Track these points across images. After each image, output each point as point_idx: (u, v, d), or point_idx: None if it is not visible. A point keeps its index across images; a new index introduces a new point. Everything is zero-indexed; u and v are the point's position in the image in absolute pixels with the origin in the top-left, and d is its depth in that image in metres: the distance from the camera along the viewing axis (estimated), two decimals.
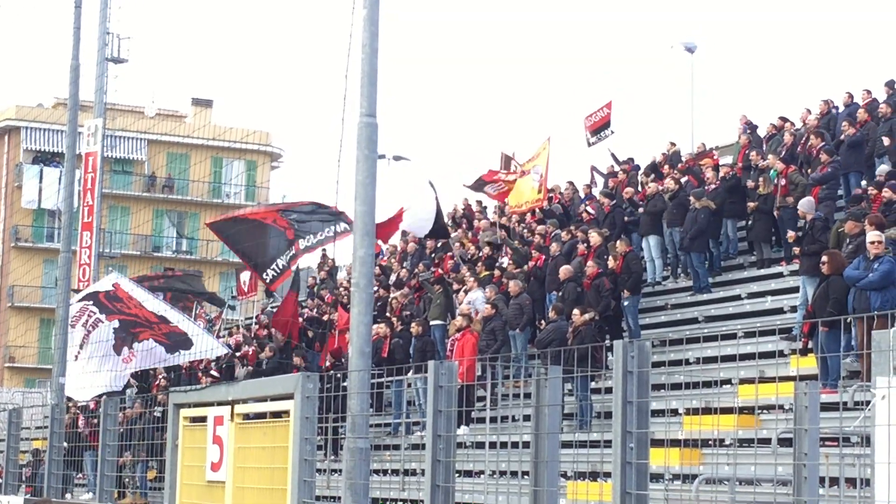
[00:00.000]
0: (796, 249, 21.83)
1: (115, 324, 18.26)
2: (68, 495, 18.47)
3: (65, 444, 18.83)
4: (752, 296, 23.58)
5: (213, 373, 28.46)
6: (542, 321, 24.98)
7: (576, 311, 21.64)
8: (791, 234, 22.67)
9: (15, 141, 73.42)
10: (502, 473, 11.85)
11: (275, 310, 35.33)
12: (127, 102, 59.61)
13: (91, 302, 18.80)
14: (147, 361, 18.26)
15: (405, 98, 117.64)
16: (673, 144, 31.79)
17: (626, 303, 23.56)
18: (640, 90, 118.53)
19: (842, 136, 24.88)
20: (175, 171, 74.96)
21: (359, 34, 14.54)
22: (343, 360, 25.70)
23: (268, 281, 18.96)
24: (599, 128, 32.40)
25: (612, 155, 32.31)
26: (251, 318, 39.83)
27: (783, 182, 24.08)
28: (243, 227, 19.18)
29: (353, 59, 14.87)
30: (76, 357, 19.30)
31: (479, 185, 32.24)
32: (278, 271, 18.77)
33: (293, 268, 20.73)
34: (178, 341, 17.71)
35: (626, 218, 27.25)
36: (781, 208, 23.86)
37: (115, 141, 66.23)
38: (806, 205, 21.89)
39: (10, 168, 73.58)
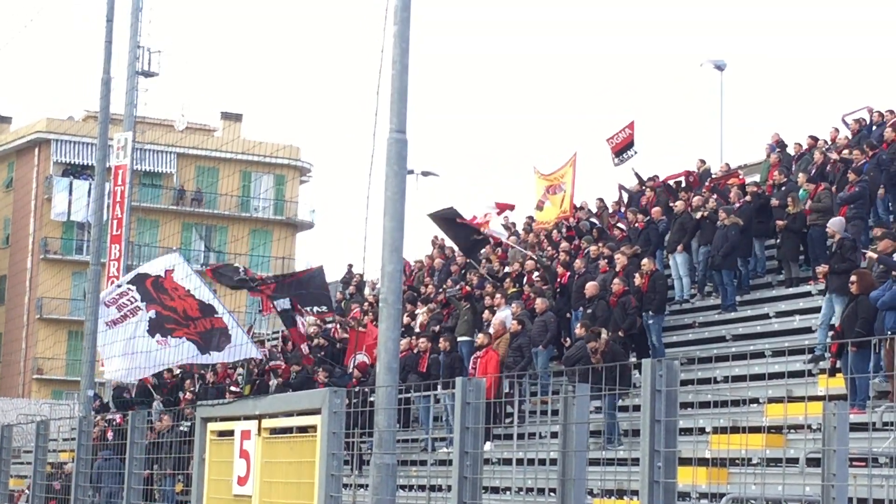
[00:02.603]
0: (820, 269, 21.71)
1: (152, 314, 18.30)
2: None
3: (92, 456, 18.83)
4: (780, 315, 23.51)
5: (234, 388, 28.49)
6: (568, 338, 24.95)
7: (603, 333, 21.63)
8: (822, 268, 22.37)
9: (45, 153, 73.78)
10: (529, 490, 11.84)
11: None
12: (157, 116, 59.93)
13: (135, 288, 18.71)
14: (179, 356, 18.25)
15: (431, 112, 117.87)
16: (703, 162, 31.75)
17: (650, 321, 23.53)
18: (669, 108, 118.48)
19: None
20: (204, 185, 75.19)
21: (389, 50, 14.57)
22: (369, 374, 25.71)
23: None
24: (622, 149, 32.45)
25: (636, 174, 32.28)
26: (277, 332, 39.81)
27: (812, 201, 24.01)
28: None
29: (384, 75, 14.90)
30: (106, 329, 19.29)
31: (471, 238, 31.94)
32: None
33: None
34: (211, 341, 17.64)
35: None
36: (811, 227, 23.79)
37: (144, 154, 66.50)
38: (836, 224, 21.71)
39: (40, 180, 73.93)
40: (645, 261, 24.23)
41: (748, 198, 25.55)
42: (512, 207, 35.56)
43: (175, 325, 17.97)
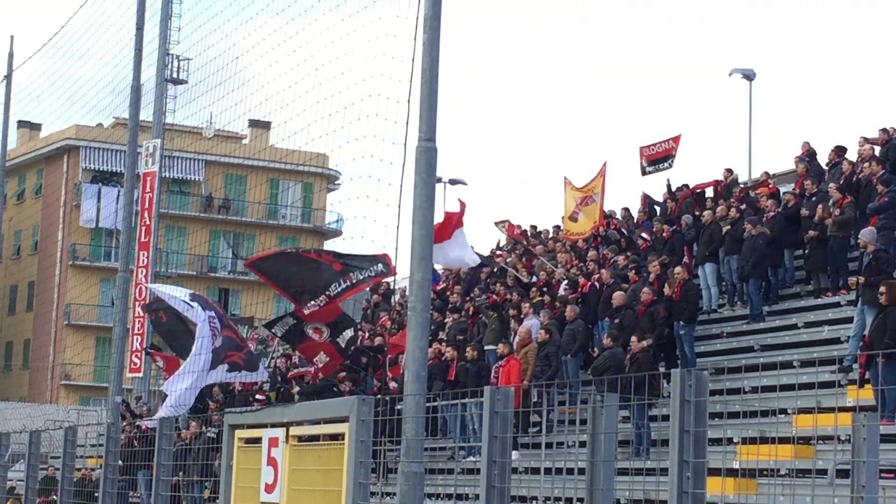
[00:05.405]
0: (853, 280, 21.54)
1: (219, 342, 17.62)
2: None
3: (119, 462, 18.83)
4: (808, 325, 23.41)
5: (259, 396, 28.52)
6: (595, 348, 24.88)
7: (633, 339, 21.58)
8: (853, 280, 22.16)
9: (74, 160, 74.11)
10: (557, 500, 11.79)
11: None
12: (185, 123, 59.97)
13: (212, 313, 17.90)
14: (213, 377, 17.90)
15: (462, 120, 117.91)
16: (730, 172, 31.61)
17: (682, 331, 23.42)
18: (698, 117, 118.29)
19: None
20: (232, 193, 75.36)
21: (419, 59, 14.59)
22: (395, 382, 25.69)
23: (306, 313, 18.24)
24: (659, 159, 32.34)
25: (668, 184, 32.17)
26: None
27: (837, 212, 23.91)
28: (286, 259, 18.42)
29: (414, 84, 14.91)
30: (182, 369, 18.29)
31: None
32: (321, 303, 18.13)
33: (345, 299, 19.75)
34: (250, 361, 17.45)
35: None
36: (832, 238, 23.70)
37: (172, 161, 66.58)
38: (868, 235, 21.43)
39: (69, 187, 74.26)
40: (677, 269, 24.12)
41: (780, 208, 25.45)
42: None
43: (234, 350, 17.52)
